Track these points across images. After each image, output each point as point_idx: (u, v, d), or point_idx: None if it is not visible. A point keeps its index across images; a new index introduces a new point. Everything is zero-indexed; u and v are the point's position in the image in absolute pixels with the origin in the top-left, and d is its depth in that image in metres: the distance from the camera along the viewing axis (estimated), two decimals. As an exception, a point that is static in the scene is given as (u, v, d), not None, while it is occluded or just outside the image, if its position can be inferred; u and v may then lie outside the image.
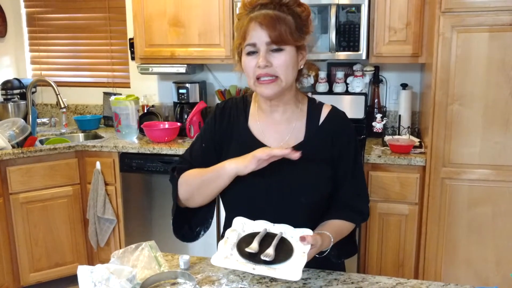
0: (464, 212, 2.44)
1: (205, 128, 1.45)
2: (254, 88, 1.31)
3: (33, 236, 2.90)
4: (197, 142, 1.46)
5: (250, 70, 1.28)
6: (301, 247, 1.17)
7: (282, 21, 1.24)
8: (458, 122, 2.37)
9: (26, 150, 2.82)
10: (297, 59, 1.29)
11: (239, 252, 1.17)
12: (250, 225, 1.26)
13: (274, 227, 1.24)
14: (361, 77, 3.02)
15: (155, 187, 2.94)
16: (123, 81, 3.66)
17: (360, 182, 1.40)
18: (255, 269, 1.12)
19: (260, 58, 1.24)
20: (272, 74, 1.26)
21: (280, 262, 1.14)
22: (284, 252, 1.16)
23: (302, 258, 1.14)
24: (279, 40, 1.23)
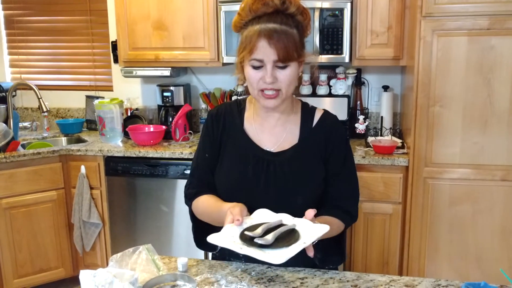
0: (445, 211, 2.52)
1: (203, 139, 1.48)
2: (257, 98, 1.34)
3: (16, 241, 2.86)
4: (199, 154, 1.49)
5: (254, 82, 1.30)
6: (306, 238, 1.15)
7: (290, 38, 1.25)
8: (439, 123, 2.44)
9: (9, 155, 2.78)
10: (298, 71, 1.33)
11: (240, 235, 1.18)
12: (269, 216, 1.26)
13: (293, 221, 1.23)
14: (344, 79, 3.08)
15: (141, 190, 2.94)
16: (105, 84, 3.64)
17: (350, 183, 1.45)
18: (242, 248, 1.12)
19: (267, 74, 1.26)
20: (276, 89, 1.29)
21: (275, 248, 1.13)
22: (286, 241, 1.15)
23: (298, 246, 1.12)
24: (286, 58, 1.25)
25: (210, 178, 1.45)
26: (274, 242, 1.15)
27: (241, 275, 1.29)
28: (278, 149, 1.40)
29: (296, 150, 1.39)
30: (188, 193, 1.49)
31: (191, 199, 1.47)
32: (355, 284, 1.25)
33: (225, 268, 1.34)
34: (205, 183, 1.45)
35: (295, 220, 1.22)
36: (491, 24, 2.30)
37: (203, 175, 1.46)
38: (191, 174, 1.51)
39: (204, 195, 1.43)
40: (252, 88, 1.32)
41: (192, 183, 1.49)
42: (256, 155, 1.39)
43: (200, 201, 1.44)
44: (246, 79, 1.33)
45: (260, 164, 1.38)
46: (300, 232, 1.19)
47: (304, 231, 1.19)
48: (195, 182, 1.48)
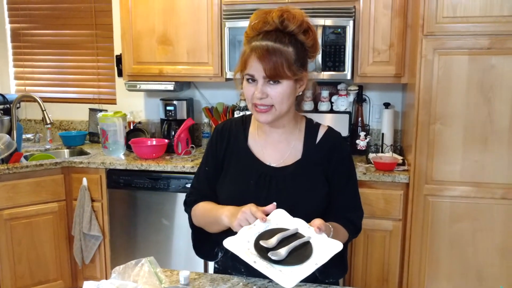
0: (446, 228, 2.52)
1: (206, 152, 1.52)
2: (252, 112, 1.38)
3: (16, 253, 2.86)
4: (201, 167, 1.52)
5: (248, 96, 1.34)
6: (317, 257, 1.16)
7: (280, 56, 1.27)
8: (439, 141, 2.46)
9: (12, 166, 2.80)
10: (294, 89, 1.34)
11: (255, 243, 1.19)
12: (286, 220, 1.26)
13: (308, 230, 1.23)
14: (346, 96, 3.10)
15: (142, 203, 2.94)
16: (109, 98, 3.67)
17: (354, 196, 1.47)
18: (256, 262, 1.14)
19: (257, 90, 1.30)
20: (267, 104, 1.32)
21: (287, 265, 1.15)
22: (299, 256, 1.16)
23: (309, 268, 1.13)
24: (273, 75, 1.28)
25: (208, 192, 1.48)
26: (289, 258, 1.16)
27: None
28: (281, 165, 1.41)
29: (299, 165, 1.40)
30: (188, 201, 1.52)
31: (190, 205, 1.50)
32: (356, 299, 1.26)
33: (227, 281, 1.35)
34: (204, 195, 1.48)
35: (311, 230, 1.22)
36: (492, 43, 2.33)
37: (202, 188, 1.50)
38: (192, 185, 1.55)
39: (203, 202, 1.47)
40: (247, 102, 1.37)
41: (193, 193, 1.52)
42: (259, 170, 1.41)
43: (199, 206, 1.47)
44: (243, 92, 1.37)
45: (263, 179, 1.40)
46: (313, 247, 1.20)
47: (317, 247, 1.19)
48: (195, 192, 1.51)
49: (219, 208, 1.37)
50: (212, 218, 1.37)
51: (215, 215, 1.35)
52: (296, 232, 1.23)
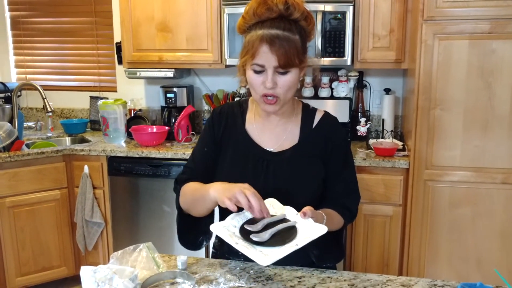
0: (445, 213, 2.53)
1: (204, 133, 1.51)
2: (259, 102, 1.36)
3: (20, 240, 2.89)
4: (198, 147, 1.51)
5: (257, 87, 1.32)
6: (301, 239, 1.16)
7: (291, 45, 1.26)
8: (439, 126, 2.45)
9: (13, 154, 2.81)
10: (299, 77, 1.34)
11: (241, 227, 1.20)
12: (276, 208, 1.27)
13: (296, 217, 1.23)
14: (346, 82, 3.09)
15: (144, 190, 2.96)
16: (109, 85, 3.67)
17: (350, 180, 1.47)
18: (238, 244, 1.15)
19: (268, 79, 1.28)
20: (275, 95, 1.31)
21: (268, 246, 1.15)
22: (281, 239, 1.17)
23: (289, 249, 1.13)
24: (286, 64, 1.27)
25: (203, 173, 1.45)
26: (272, 240, 1.17)
27: (240, 274, 1.31)
28: (278, 149, 1.42)
29: (295, 150, 1.41)
30: (180, 178, 1.48)
31: (181, 183, 1.46)
32: (352, 283, 1.27)
33: (224, 266, 1.36)
34: (198, 175, 1.45)
35: (298, 216, 1.23)
36: (492, 28, 2.31)
37: (198, 168, 1.47)
38: (186, 165, 1.52)
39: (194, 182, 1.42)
40: (254, 93, 1.35)
41: (186, 172, 1.49)
42: (256, 154, 1.42)
43: (189, 185, 1.43)
44: (249, 83, 1.35)
45: (260, 164, 1.40)
46: (298, 231, 1.20)
47: (302, 231, 1.20)
48: (188, 171, 1.49)
49: (208, 184, 1.33)
50: (199, 194, 1.33)
51: (202, 192, 1.31)
52: (283, 218, 1.25)
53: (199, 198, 1.35)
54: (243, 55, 1.32)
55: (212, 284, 1.25)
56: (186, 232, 1.51)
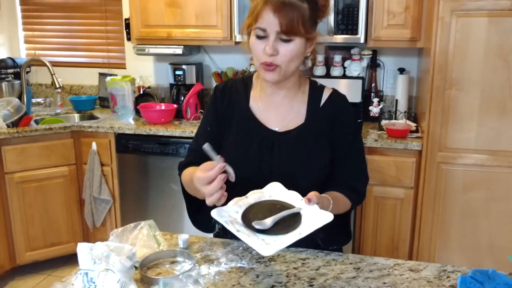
0: (458, 197, 2.47)
1: (207, 112, 1.45)
2: (259, 70, 1.30)
3: (28, 215, 2.90)
4: (200, 127, 1.46)
5: (257, 53, 1.26)
6: (305, 227, 1.11)
7: (296, 10, 1.19)
8: (455, 107, 2.37)
9: (22, 130, 2.80)
10: (304, 49, 1.27)
11: (243, 214, 1.15)
12: (280, 193, 1.21)
13: (301, 203, 1.17)
14: (359, 61, 3.01)
15: (151, 168, 2.94)
16: (118, 62, 3.63)
17: (358, 162, 1.41)
18: (239, 231, 1.09)
19: (268, 45, 1.22)
20: (276, 63, 1.24)
21: (271, 234, 1.10)
22: (284, 227, 1.11)
23: (292, 238, 1.07)
24: (289, 31, 1.20)
25: None
26: (274, 228, 1.11)
27: (242, 254, 1.27)
28: (284, 129, 1.36)
29: (302, 130, 1.35)
30: (180, 163, 1.43)
31: (181, 168, 1.41)
32: (358, 266, 1.23)
33: (227, 246, 1.32)
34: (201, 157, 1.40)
35: (303, 202, 1.17)
36: (514, 4, 2.20)
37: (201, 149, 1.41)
38: (190, 147, 1.47)
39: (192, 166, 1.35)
40: (255, 59, 1.29)
41: (189, 155, 1.44)
42: (260, 134, 1.36)
43: (186, 171, 1.37)
44: (251, 49, 1.29)
45: (264, 144, 1.35)
46: (302, 218, 1.14)
47: (306, 218, 1.14)
48: (191, 154, 1.44)
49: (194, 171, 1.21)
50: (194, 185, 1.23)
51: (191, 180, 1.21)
52: (287, 204, 1.19)
53: (192, 187, 1.27)
54: (247, 20, 1.27)
55: (213, 264, 1.22)
56: (196, 214, 1.47)
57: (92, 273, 1.05)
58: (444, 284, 1.15)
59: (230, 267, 1.20)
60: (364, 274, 1.19)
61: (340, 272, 1.19)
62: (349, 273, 1.19)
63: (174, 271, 1.18)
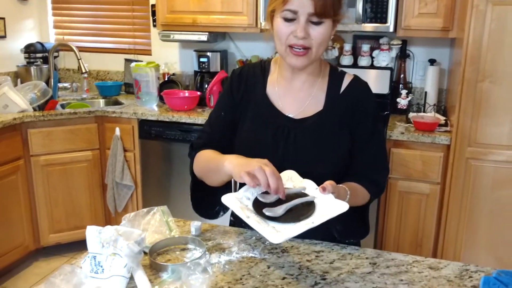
0: (487, 194, 2.37)
1: (222, 96, 1.41)
2: (284, 56, 1.24)
3: (53, 198, 2.95)
4: (215, 111, 1.42)
5: (283, 36, 1.20)
6: (318, 216, 1.06)
7: None
8: (487, 100, 2.27)
9: (47, 113, 2.84)
10: (332, 32, 1.22)
11: (254, 200, 1.11)
12: (294, 181, 1.17)
13: (315, 192, 1.12)
14: (388, 50, 2.91)
15: (174, 155, 2.93)
16: (144, 48, 3.63)
17: (378, 152, 1.35)
18: (249, 217, 1.05)
19: (299, 28, 1.16)
20: (307, 46, 1.19)
21: (282, 222, 1.05)
22: (297, 215, 1.07)
23: (304, 227, 1.02)
24: (322, 12, 1.15)
25: (220, 138, 1.37)
26: (286, 215, 1.07)
27: (255, 244, 1.24)
28: (301, 116, 1.31)
29: (320, 117, 1.30)
30: (195, 143, 1.40)
31: (196, 149, 1.37)
32: (374, 261, 1.17)
33: (239, 235, 1.29)
34: (214, 141, 1.37)
35: (318, 191, 1.12)
36: (555, -8, 2.08)
37: (214, 133, 1.38)
38: (203, 129, 1.43)
39: (210, 150, 1.33)
40: (280, 43, 1.22)
41: (202, 137, 1.40)
42: (276, 121, 1.31)
43: (204, 152, 1.34)
44: (274, 33, 1.23)
45: (280, 131, 1.30)
46: (316, 207, 1.09)
47: (320, 207, 1.09)
48: (205, 136, 1.40)
49: (223, 155, 1.24)
50: (214, 165, 1.23)
51: (217, 163, 1.21)
52: (301, 192, 1.14)
53: (213, 168, 1.25)
54: (272, 2, 1.20)
55: (224, 253, 1.19)
56: (200, 200, 1.44)
57: (100, 257, 1.04)
58: (465, 284, 1.08)
59: (241, 257, 1.17)
60: (380, 269, 1.14)
61: (355, 267, 1.15)
62: (364, 268, 1.14)
63: (184, 258, 1.16)
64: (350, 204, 1.18)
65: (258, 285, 1.05)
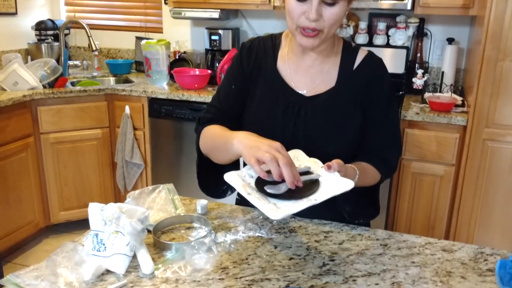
0: (504, 177, 2.30)
1: (231, 69, 1.36)
2: (294, 34, 1.18)
3: (63, 176, 2.95)
4: (224, 85, 1.37)
5: (295, 17, 1.13)
6: (321, 193, 1.02)
7: None
8: (507, 80, 2.19)
9: (57, 91, 2.81)
10: (346, 11, 1.16)
11: (257, 179, 1.07)
12: (300, 160, 1.12)
13: (321, 170, 1.07)
14: (404, 29, 2.82)
15: (184, 134, 2.90)
16: (155, 26, 3.58)
17: (391, 132, 1.29)
18: (250, 194, 1.01)
19: (312, 10, 1.10)
20: (318, 28, 1.13)
21: (283, 199, 1.01)
22: (300, 192, 1.02)
23: (306, 203, 0.98)
24: None
25: (229, 113, 1.32)
26: (288, 193, 1.03)
27: (262, 223, 1.20)
28: (312, 93, 1.26)
29: (331, 94, 1.24)
30: (202, 117, 1.34)
31: (204, 123, 1.32)
32: (385, 243, 1.13)
33: (246, 214, 1.26)
34: (223, 115, 1.31)
35: (323, 170, 1.07)
36: None
37: (223, 107, 1.32)
38: (211, 103, 1.37)
39: (218, 126, 1.27)
40: (291, 22, 1.16)
41: (210, 111, 1.35)
42: (287, 97, 1.26)
43: (212, 127, 1.28)
44: (286, 11, 1.17)
45: (291, 108, 1.25)
46: (320, 185, 1.05)
47: (325, 185, 1.05)
48: (213, 110, 1.34)
49: (232, 132, 1.15)
50: (222, 142, 1.16)
51: (225, 140, 1.13)
52: (307, 170, 1.09)
53: (221, 146, 1.19)
54: None
55: (230, 232, 1.16)
56: (207, 178, 1.40)
57: (102, 235, 1.01)
58: (480, 267, 1.04)
59: (248, 236, 1.14)
60: (391, 251, 1.10)
61: (365, 248, 1.11)
62: (375, 249, 1.10)
63: (189, 237, 1.13)
64: (359, 184, 1.14)
65: (264, 265, 1.02)
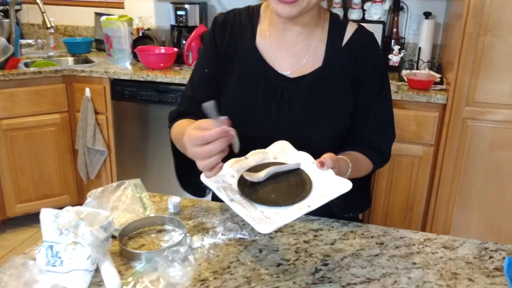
0: (484, 156, 2.25)
1: (204, 50, 1.20)
2: (270, 2, 1.03)
3: (18, 165, 2.72)
4: (196, 69, 1.22)
5: None
6: (314, 198, 0.89)
7: None
8: (488, 56, 2.10)
9: (8, 73, 2.57)
10: None
11: (239, 179, 0.94)
12: (288, 154, 0.99)
13: (312, 166, 0.95)
14: (380, 3, 2.70)
15: (149, 117, 2.72)
16: (116, 1, 3.33)
17: (384, 116, 1.18)
18: (233, 200, 0.87)
19: None
20: None
21: (272, 205, 0.88)
22: (290, 196, 0.89)
23: (298, 211, 0.85)
24: None
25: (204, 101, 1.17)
26: (277, 196, 0.89)
27: (243, 222, 1.07)
28: (296, 74, 1.11)
29: (318, 75, 1.11)
30: (171, 112, 1.19)
31: (172, 119, 1.18)
32: (381, 241, 1.02)
33: (225, 212, 1.12)
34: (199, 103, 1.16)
35: (315, 166, 0.93)
36: None
37: (198, 96, 1.15)
38: (183, 94, 1.22)
39: (186, 119, 1.12)
40: None
41: (182, 103, 1.20)
42: (268, 79, 1.12)
43: (177, 124, 1.13)
44: None
45: (273, 91, 1.11)
46: (313, 186, 0.91)
47: (319, 186, 0.91)
48: (185, 102, 1.19)
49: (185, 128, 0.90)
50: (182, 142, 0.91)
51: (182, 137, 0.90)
52: (297, 168, 0.96)
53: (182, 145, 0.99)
54: None
55: (208, 234, 1.02)
56: (185, 175, 1.24)
57: (58, 247, 0.86)
58: (487, 266, 0.95)
59: (228, 239, 1.00)
60: (389, 251, 0.99)
61: (360, 248, 0.99)
62: (370, 249, 0.99)
63: (160, 242, 0.98)
64: (351, 176, 1.02)
65: (249, 274, 0.89)
